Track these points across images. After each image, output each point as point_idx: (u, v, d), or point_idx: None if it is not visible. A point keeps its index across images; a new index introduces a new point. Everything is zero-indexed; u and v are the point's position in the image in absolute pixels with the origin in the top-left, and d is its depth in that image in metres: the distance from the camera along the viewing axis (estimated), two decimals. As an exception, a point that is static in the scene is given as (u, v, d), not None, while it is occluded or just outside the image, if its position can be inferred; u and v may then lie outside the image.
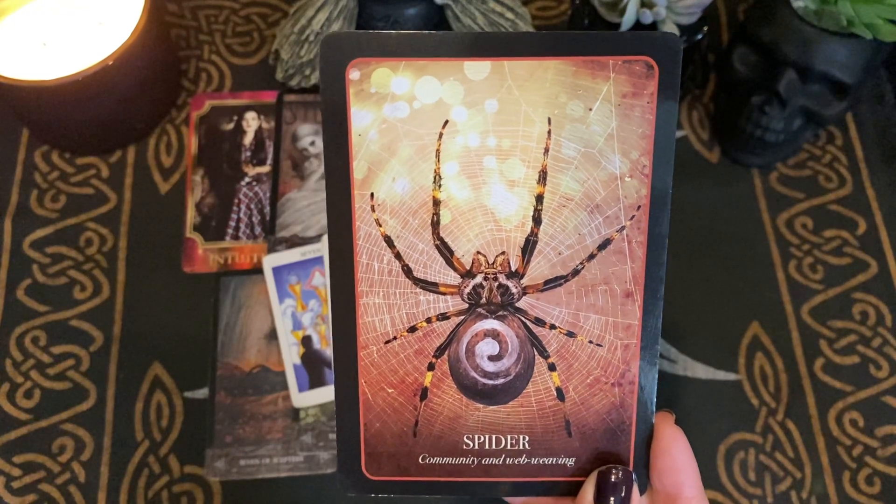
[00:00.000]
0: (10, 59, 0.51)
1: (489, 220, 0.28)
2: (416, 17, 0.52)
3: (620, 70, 0.27)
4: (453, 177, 0.28)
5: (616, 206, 0.28)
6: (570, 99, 0.27)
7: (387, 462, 0.30)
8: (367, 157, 0.28)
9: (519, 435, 0.30)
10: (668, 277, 0.52)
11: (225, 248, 0.53)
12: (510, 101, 0.27)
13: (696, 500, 0.28)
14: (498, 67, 0.27)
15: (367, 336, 0.29)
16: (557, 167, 0.28)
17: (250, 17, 0.61)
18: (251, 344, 0.50)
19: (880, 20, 0.46)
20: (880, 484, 0.48)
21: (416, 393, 0.30)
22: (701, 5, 0.50)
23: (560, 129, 0.28)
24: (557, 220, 0.28)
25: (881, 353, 0.51)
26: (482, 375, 0.30)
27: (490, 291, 0.29)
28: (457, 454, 0.30)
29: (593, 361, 0.29)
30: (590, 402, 0.29)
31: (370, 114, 0.28)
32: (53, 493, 0.46)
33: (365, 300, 0.29)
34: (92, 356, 0.50)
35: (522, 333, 0.29)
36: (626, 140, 0.28)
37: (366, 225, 0.28)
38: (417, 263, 0.29)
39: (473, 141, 0.28)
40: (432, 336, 0.29)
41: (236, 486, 0.47)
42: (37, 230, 0.53)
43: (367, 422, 0.30)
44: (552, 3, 0.62)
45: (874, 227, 0.55)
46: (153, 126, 0.57)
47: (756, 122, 0.52)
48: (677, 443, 0.29)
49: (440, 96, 0.27)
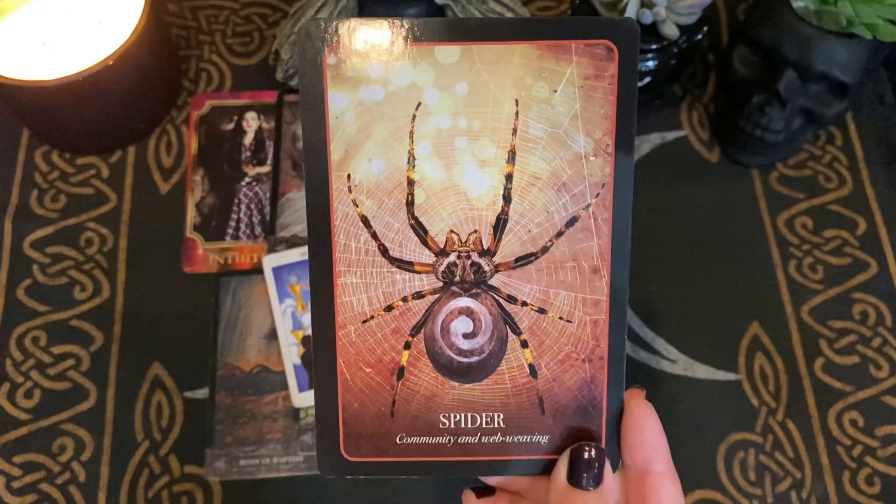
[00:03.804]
0: (10, 59, 0.51)
1: (461, 200, 0.29)
2: (416, 16, 0.52)
3: (582, 53, 0.28)
4: (426, 157, 0.29)
5: (582, 185, 0.29)
6: (536, 81, 0.28)
7: (365, 443, 0.30)
8: (344, 139, 0.29)
9: (494, 413, 0.30)
10: (668, 277, 0.53)
11: (225, 248, 0.53)
12: (479, 84, 0.28)
13: (667, 475, 0.28)
14: (467, 52, 0.28)
15: (345, 316, 0.30)
16: (525, 147, 0.29)
17: (250, 17, 0.61)
18: (251, 344, 0.50)
19: (880, 20, 0.46)
20: (880, 484, 0.48)
21: (393, 372, 0.30)
22: (701, 5, 0.50)
23: (527, 110, 0.29)
24: (527, 199, 0.29)
25: (881, 353, 0.51)
26: (457, 353, 0.30)
27: (463, 269, 0.30)
28: (433, 433, 0.30)
29: (564, 337, 0.30)
30: (562, 379, 0.30)
31: (346, 97, 0.28)
32: (53, 493, 0.47)
33: (343, 280, 0.30)
34: (92, 356, 0.50)
35: (495, 311, 0.30)
36: (589, 120, 0.29)
37: (343, 205, 0.29)
38: (393, 243, 0.29)
39: (445, 122, 0.29)
40: (408, 315, 0.30)
41: (236, 486, 0.47)
42: (37, 230, 0.53)
43: (345, 402, 0.30)
44: (552, 2, 0.62)
45: (874, 227, 0.55)
46: (153, 126, 0.57)
47: (756, 122, 0.52)
48: (647, 418, 0.29)
49: (413, 80, 0.28)
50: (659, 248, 0.54)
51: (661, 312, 0.52)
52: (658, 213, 0.55)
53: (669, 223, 0.54)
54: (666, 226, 0.54)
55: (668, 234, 0.54)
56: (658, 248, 0.54)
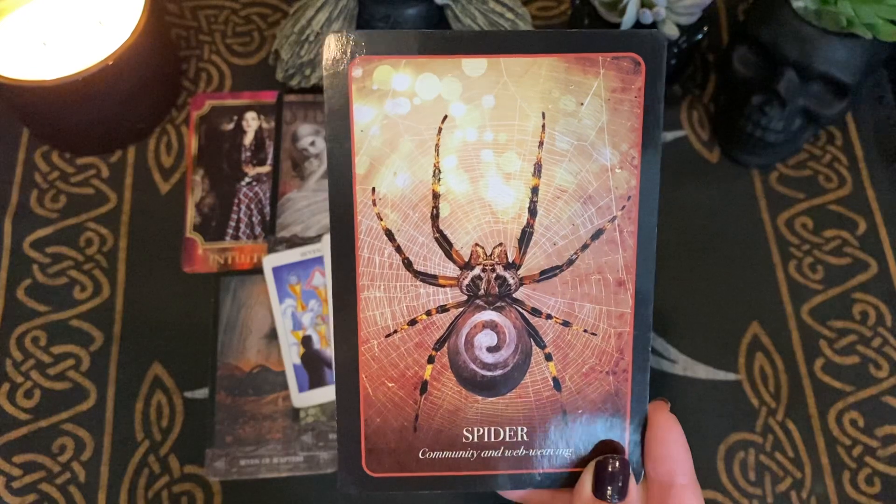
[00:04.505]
0: (10, 59, 0.51)
1: (487, 213, 0.29)
2: (417, 17, 0.52)
3: (609, 66, 0.28)
4: (452, 170, 0.29)
5: (608, 197, 0.29)
6: (563, 94, 0.28)
7: (387, 458, 0.30)
8: (369, 153, 0.28)
9: (517, 426, 0.30)
10: (668, 277, 0.53)
11: (225, 248, 0.53)
12: (506, 97, 0.28)
13: (689, 488, 0.28)
14: (494, 64, 0.28)
15: (368, 330, 0.29)
16: (552, 160, 0.29)
17: (250, 17, 0.61)
18: (251, 344, 0.50)
19: (880, 20, 0.46)
20: (880, 484, 0.48)
21: (417, 387, 0.30)
22: (701, 5, 0.50)
23: (554, 123, 0.28)
24: (552, 212, 0.29)
25: (881, 353, 0.51)
26: (481, 367, 0.30)
27: (488, 283, 0.30)
28: (456, 448, 0.30)
29: (588, 350, 0.30)
30: (585, 392, 0.30)
31: (372, 110, 0.28)
32: (53, 493, 0.47)
33: (366, 294, 0.29)
34: (92, 356, 0.50)
35: (520, 324, 0.30)
36: (616, 133, 0.29)
37: (367, 219, 0.29)
38: (417, 256, 0.29)
39: (471, 135, 0.29)
40: (432, 329, 0.30)
41: (236, 486, 0.47)
42: (37, 230, 0.53)
43: (367, 418, 0.30)
44: (552, 3, 0.62)
45: (874, 227, 0.55)
46: (153, 126, 0.57)
47: (756, 122, 0.52)
48: (671, 431, 0.29)
49: (439, 92, 0.28)
50: (659, 248, 0.54)
51: (661, 312, 0.52)
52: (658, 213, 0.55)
53: (669, 223, 0.54)
54: (666, 226, 0.54)
55: (668, 234, 0.54)
56: (658, 248, 0.54)
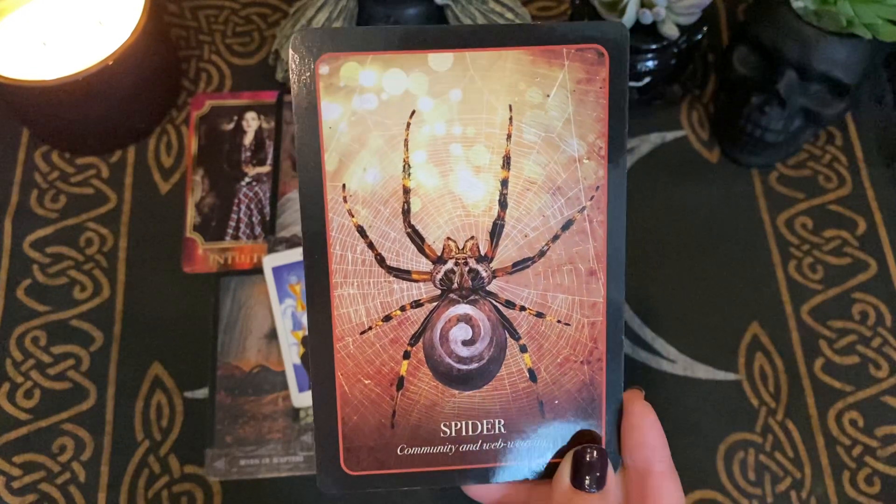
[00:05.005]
0: (10, 59, 0.51)
1: (458, 207, 0.29)
2: (417, 17, 0.52)
3: (574, 58, 0.28)
4: (422, 165, 0.29)
5: (576, 188, 0.29)
6: (529, 86, 0.29)
7: (366, 456, 0.30)
8: (338, 149, 0.29)
9: (495, 419, 0.30)
10: (668, 277, 0.53)
11: (225, 248, 0.53)
12: (473, 91, 0.28)
13: (667, 475, 0.28)
14: (460, 58, 0.28)
15: (343, 327, 0.30)
16: (520, 152, 0.29)
17: (250, 17, 0.61)
18: (251, 344, 0.50)
19: (880, 20, 0.46)
20: (880, 484, 0.48)
21: (393, 383, 0.30)
22: (701, 5, 0.50)
23: (521, 115, 0.29)
24: (522, 204, 0.29)
25: (881, 353, 0.51)
26: (457, 361, 0.30)
27: (461, 276, 0.30)
28: (435, 443, 0.30)
29: (562, 341, 0.30)
30: (561, 382, 0.30)
31: (340, 107, 0.28)
32: (53, 493, 0.47)
33: (339, 291, 0.29)
34: (92, 356, 0.50)
35: (494, 317, 0.30)
36: (582, 124, 0.29)
37: (338, 216, 0.29)
38: (390, 252, 0.29)
39: (440, 129, 0.29)
40: (407, 324, 0.30)
41: (236, 486, 0.47)
42: (37, 230, 0.53)
43: (344, 416, 0.30)
44: (552, 2, 0.62)
45: (874, 227, 0.55)
46: (153, 126, 0.57)
47: (756, 122, 0.52)
48: (646, 418, 0.29)
49: (406, 88, 0.28)
50: (659, 248, 0.54)
51: (661, 312, 0.52)
52: (658, 213, 0.55)
53: (669, 223, 0.54)
54: (666, 226, 0.54)
55: (668, 234, 0.54)
56: (658, 248, 0.54)
